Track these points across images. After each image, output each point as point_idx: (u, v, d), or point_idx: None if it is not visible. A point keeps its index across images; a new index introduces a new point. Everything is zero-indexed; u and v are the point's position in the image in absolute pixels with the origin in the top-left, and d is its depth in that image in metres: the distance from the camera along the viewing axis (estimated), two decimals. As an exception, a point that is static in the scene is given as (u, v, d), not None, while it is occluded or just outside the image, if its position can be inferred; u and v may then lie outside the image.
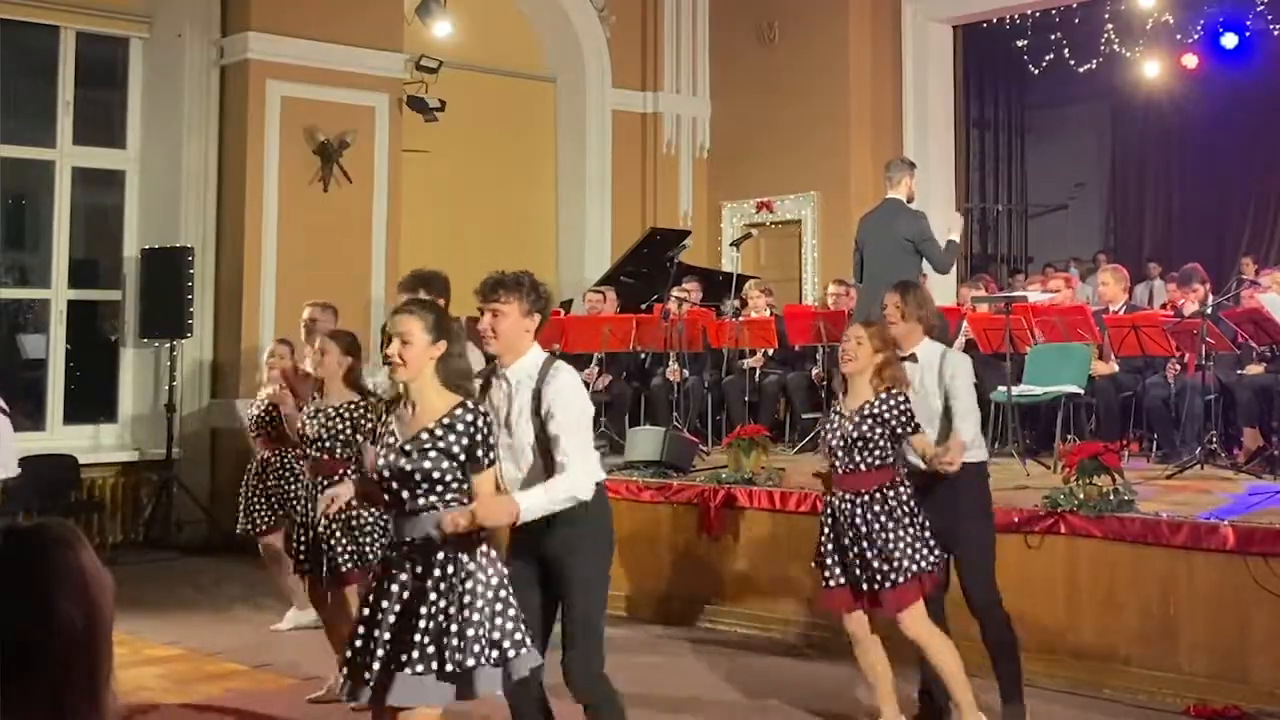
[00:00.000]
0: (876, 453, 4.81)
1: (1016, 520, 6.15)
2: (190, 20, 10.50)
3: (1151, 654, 5.82)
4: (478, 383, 4.04)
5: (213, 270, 10.49)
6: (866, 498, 4.82)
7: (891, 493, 4.83)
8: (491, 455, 3.69)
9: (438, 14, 11.57)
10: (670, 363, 9.71)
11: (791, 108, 12.62)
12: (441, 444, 3.63)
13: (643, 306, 10.50)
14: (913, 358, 5.08)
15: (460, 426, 3.64)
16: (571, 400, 4.06)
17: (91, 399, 10.58)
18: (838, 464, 4.90)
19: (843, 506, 4.87)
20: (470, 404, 3.71)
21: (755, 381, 9.78)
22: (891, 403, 4.82)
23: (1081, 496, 6.06)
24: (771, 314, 10.07)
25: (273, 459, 7.12)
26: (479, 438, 3.65)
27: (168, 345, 10.24)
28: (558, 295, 12.47)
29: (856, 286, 8.63)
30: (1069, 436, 8.21)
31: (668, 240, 11.52)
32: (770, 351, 9.94)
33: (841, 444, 4.85)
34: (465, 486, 3.67)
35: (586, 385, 8.19)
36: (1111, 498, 6.03)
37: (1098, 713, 5.66)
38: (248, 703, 5.80)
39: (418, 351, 3.70)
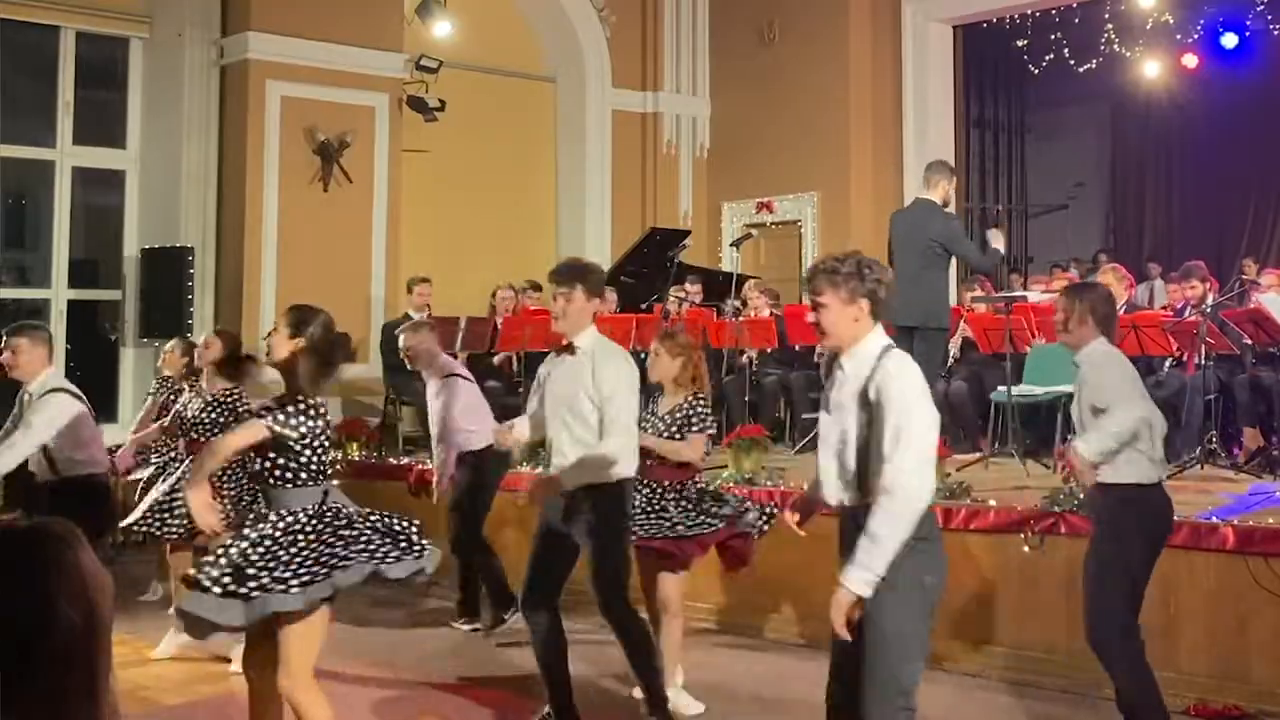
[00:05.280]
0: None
1: (1017, 520, 6.16)
2: (190, 20, 10.50)
3: (1151, 654, 5.79)
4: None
5: (213, 270, 10.50)
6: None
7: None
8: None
9: (438, 14, 11.57)
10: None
11: (791, 108, 12.62)
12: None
13: (643, 306, 10.49)
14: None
15: None
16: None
17: (91, 399, 10.48)
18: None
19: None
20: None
21: (755, 381, 9.78)
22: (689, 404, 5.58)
23: (1082, 496, 6.05)
24: (772, 314, 10.07)
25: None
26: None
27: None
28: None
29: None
30: (1069, 436, 8.20)
31: (668, 240, 11.51)
32: (769, 350, 9.95)
33: None
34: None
35: None
36: (1112, 498, 6.02)
37: (1098, 713, 5.65)
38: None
39: (277, 340, 4.32)
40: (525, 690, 5.97)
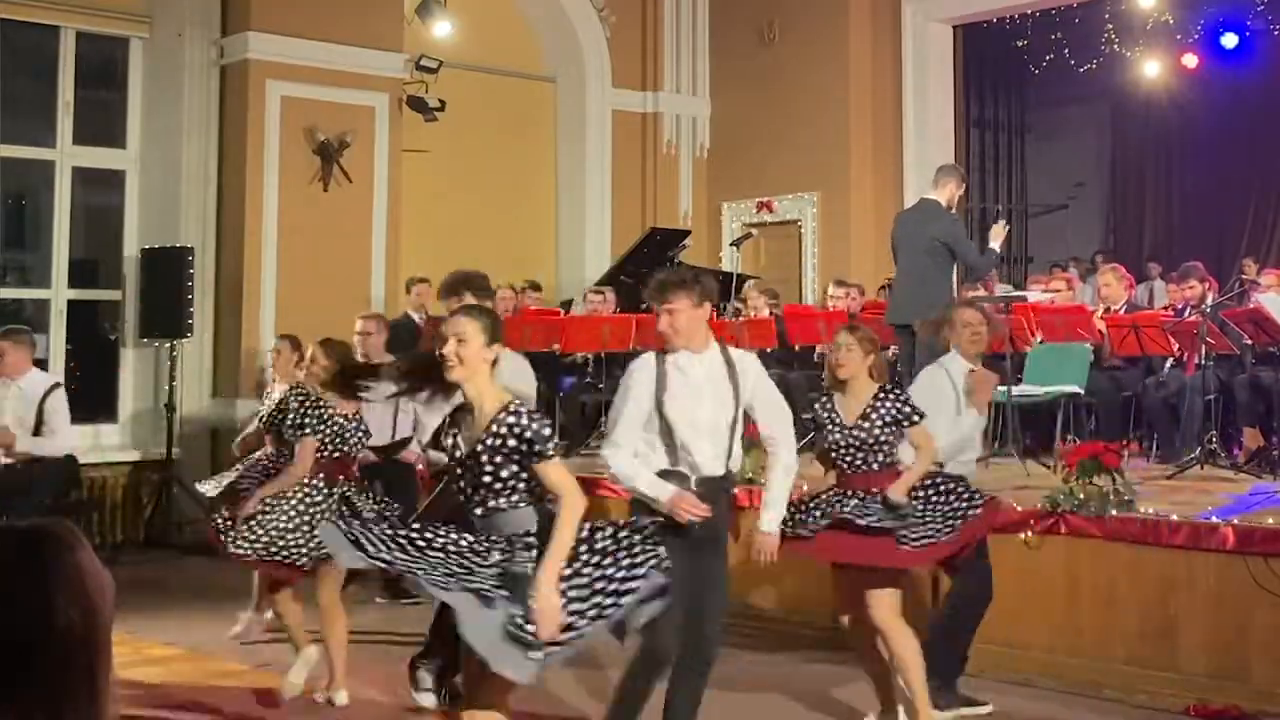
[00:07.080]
0: (887, 450, 5.06)
1: (1017, 520, 6.16)
2: (190, 20, 10.50)
3: (1151, 654, 5.82)
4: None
5: (213, 270, 10.49)
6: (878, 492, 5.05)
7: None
8: (550, 449, 3.75)
9: (438, 14, 11.57)
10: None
11: (791, 108, 12.62)
12: (497, 447, 3.76)
13: (643, 306, 10.48)
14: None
15: (504, 429, 3.75)
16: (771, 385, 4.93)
17: (91, 399, 10.57)
18: (848, 466, 5.14)
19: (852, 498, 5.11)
20: (514, 405, 3.80)
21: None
22: (891, 398, 5.06)
23: (1081, 496, 6.06)
24: (772, 314, 10.07)
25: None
26: (528, 435, 3.73)
27: (168, 345, 10.24)
28: (557, 295, 12.49)
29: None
30: (1069, 436, 8.21)
31: (668, 240, 11.52)
32: (769, 350, 9.95)
33: (852, 449, 5.11)
34: (530, 485, 3.78)
35: (591, 385, 8.14)
36: (1111, 498, 6.03)
37: (1098, 713, 5.66)
38: (248, 703, 5.80)
39: (473, 352, 3.83)
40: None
